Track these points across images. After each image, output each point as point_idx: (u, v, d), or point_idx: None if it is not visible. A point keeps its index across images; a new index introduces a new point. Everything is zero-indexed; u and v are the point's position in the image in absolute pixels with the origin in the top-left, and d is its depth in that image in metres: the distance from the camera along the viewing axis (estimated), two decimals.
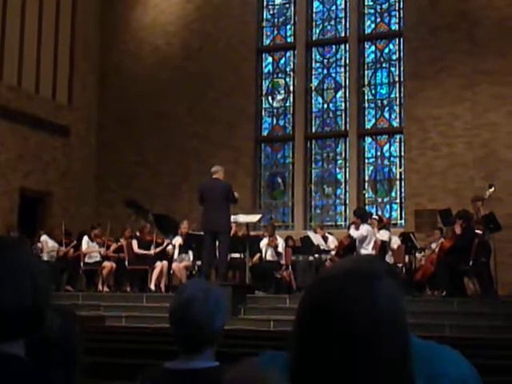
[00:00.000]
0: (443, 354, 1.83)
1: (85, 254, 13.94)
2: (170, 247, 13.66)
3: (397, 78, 16.98)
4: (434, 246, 12.76)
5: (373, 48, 17.38)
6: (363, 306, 1.07)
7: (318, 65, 17.94)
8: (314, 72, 17.91)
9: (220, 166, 11.52)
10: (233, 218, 11.66)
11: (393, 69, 17.11)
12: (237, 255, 13.10)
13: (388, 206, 16.75)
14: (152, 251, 13.55)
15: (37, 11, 17.44)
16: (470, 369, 1.83)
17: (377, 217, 13.38)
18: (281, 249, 13.59)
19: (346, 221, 16.53)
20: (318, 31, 18.05)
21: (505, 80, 15.18)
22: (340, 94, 17.55)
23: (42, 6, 17.60)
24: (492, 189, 12.17)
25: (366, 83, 17.26)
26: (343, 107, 17.45)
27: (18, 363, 1.42)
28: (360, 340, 1.05)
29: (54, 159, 17.56)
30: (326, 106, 17.68)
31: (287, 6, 18.35)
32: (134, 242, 13.70)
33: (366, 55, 17.41)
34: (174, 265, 13.34)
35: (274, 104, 18.14)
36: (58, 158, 17.69)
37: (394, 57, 17.14)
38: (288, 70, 18.21)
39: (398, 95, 16.89)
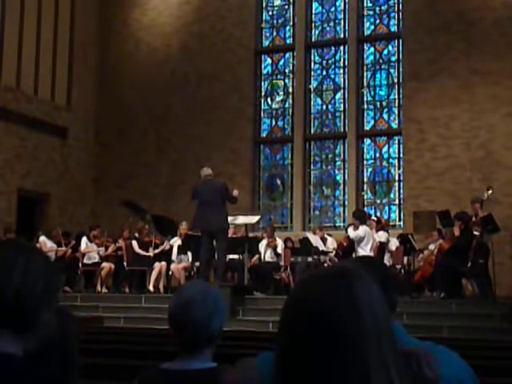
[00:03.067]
0: (440, 355, 1.83)
1: (83, 254, 13.94)
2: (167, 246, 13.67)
3: (396, 80, 16.99)
4: (432, 247, 12.77)
5: (372, 49, 17.39)
6: (344, 307, 1.08)
7: (317, 66, 17.94)
8: (312, 73, 17.92)
9: (207, 167, 11.43)
10: (231, 219, 11.65)
11: (392, 70, 17.12)
12: (235, 256, 13.09)
13: (387, 208, 16.76)
14: (151, 252, 13.57)
15: (35, 12, 17.43)
16: (467, 370, 1.84)
17: (375, 218, 13.40)
18: (280, 250, 13.60)
19: (344, 222, 16.53)
20: (317, 32, 18.05)
21: (502, 81, 15.20)
22: (339, 95, 17.56)
23: (41, 7, 17.59)
24: (490, 191, 12.18)
25: (365, 84, 17.27)
26: (342, 108, 17.45)
27: (8, 361, 1.42)
28: (341, 340, 1.06)
29: (51, 160, 17.54)
30: (324, 107, 17.68)
31: (286, 7, 18.36)
32: (134, 243, 13.70)
33: (364, 57, 17.41)
34: (173, 266, 13.34)
35: (273, 105, 18.14)
36: (55, 159, 17.68)
37: (392, 58, 17.15)
38: (287, 71, 18.21)
39: (396, 96, 16.90)
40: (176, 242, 13.59)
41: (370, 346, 1.07)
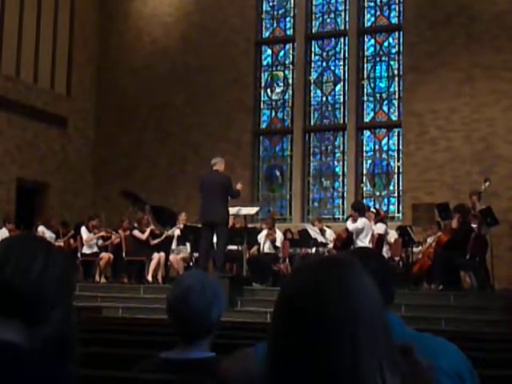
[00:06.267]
0: (438, 346, 1.84)
1: (84, 243, 13.92)
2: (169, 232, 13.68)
3: (396, 72, 16.96)
4: (431, 239, 12.78)
5: (372, 41, 17.35)
6: (334, 293, 1.09)
7: (317, 58, 17.90)
8: (313, 65, 17.88)
9: (220, 157, 11.53)
10: (231, 210, 11.65)
11: (392, 62, 17.09)
12: (234, 247, 13.10)
13: (386, 200, 16.77)
14: (150, 238, 13.57)
15: (35, 1, 17.37)
16: (465, 361, 1.85)
17: (374, 210, 13.40)
18: (279, 243, 13.55)
19: (343, 214, 16.54)
20: (317, 24, 18.01)
21: (503, 75, 15.18)
22: (339, 87, 17.53)
23: None
24: (487, 183, 12.20)
25: (365, 76, 17.25)
26: (342, 100, 17.42)
27: (11, 349, 1.43)
28: (331, 326, 1.07)
29: (51, 150, 17.53)
30: (324, 98, 17.66)
31: None
32: (137, 232, 13.65)
33: (365, 48, 17.38)
34: (172, 256, 13.35)
35: (273, 97, 18.12)
36: (55, 149, 17.67)
37: (393, 50, 17.11)
38: (287, 62, 18.17)
39: (397, 89, 16.88)
40: (175, 232, 13.60)
41: (361, 332, 1.07)
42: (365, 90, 17.21)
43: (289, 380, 1.08)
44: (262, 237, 13.58)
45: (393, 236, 13.18)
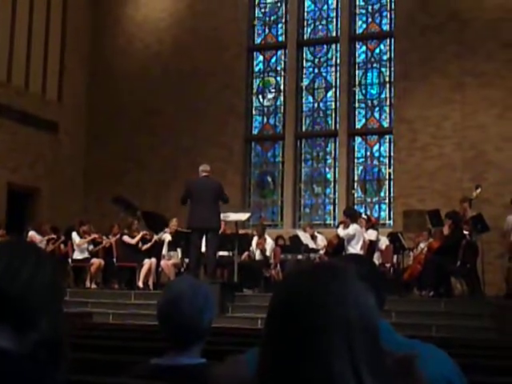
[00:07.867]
0: (428, 353, 1.84)
1: (76, 247, 13.87)
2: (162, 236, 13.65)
3: (387, 79, 17.02)
4: (422, 246, 12.81)
5: (364, 48, 17.40)
6: (324, 301, 1.09)
7: (308, 64, 17.94)
8: (304, 71, 17.92)
9: (207, 164, 11.48)
10: (222, 216, 11.66)
11: (383, 69, 17.15)
12: (225, 253, 13.08)
13: (377, 206, 16.80)
14: (140, 244, 13.54)
15: (27, 6, 17.34)
16: (455, 368, 1.85)
17: (365, 216, 13.42)
18: (269, 252, 13.53)
19: (334, 220, 16.56)
20: (309, 30, 18.05)
21: (494, 82, 15.25)
22: (330, 93, 17.57)
23: (33, 0, 17.51)
24: (478, 190, 12.24)
25: (357, 83, 17.29)
26: (333, 107, 17.46)
27: (2, 355, 1.42)
28: (318, 334, 1.07)
29: (42, 155, 17.46)
30: (316, 105, 17.69)
31: (279, 4, 18.34)
32: (127, 238, 13.62)
33: (356, 55, 17.43)
34: (163, 262, 13.32)
35: (265, 103, 18.14)
36: (46, 154, 17.60)
37: (384, 57, 17.18)
38: (279, 68, 18.20)
39: (388, 95, 16.93)
40: (166, 237, 13.56)
41: (337, 337, 1.06)
42: (356, 96, 17.26)
43: None
44: (254, 243, 13.60)
45: (384, 242, 13.20)
